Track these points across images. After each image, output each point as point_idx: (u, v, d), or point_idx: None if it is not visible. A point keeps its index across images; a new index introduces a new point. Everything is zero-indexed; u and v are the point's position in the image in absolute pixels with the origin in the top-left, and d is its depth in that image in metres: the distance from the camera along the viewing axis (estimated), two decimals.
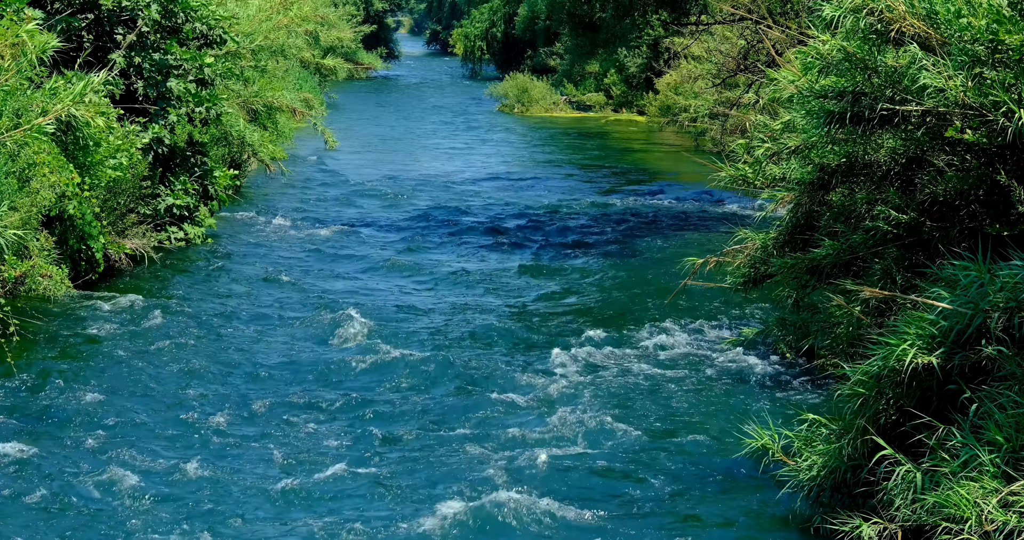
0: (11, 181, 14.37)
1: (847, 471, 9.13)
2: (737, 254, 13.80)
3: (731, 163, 13.69)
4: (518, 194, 28.82)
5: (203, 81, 20.23)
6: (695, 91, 34.34)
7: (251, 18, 26.16)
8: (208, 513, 10.08)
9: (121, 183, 17.82)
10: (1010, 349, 8.30)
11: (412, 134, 42.27)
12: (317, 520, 10.02)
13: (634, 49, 48.24)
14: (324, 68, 48.73)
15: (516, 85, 52.84)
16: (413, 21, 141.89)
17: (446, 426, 12.22)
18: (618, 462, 11.20)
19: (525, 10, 62.95)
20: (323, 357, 14.65)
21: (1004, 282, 8.38)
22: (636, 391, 13.22)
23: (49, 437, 11.54)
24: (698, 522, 10.10)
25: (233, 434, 11.96)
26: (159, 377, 13.61)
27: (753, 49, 24.80)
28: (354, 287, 18.65)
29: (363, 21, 70.64)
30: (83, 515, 9.89)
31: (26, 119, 14.57)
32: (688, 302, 16.77)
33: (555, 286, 18.96)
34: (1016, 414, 8.06)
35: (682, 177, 31.60)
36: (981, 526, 7.66)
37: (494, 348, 15.09)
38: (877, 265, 11.11)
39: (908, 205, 10.77)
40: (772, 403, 12.68)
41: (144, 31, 19.37)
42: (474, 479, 10.77)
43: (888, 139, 11.22)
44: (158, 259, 19.18)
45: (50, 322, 15.37)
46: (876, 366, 8.78)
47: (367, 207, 26.61)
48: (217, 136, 23.43)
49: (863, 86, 9.98)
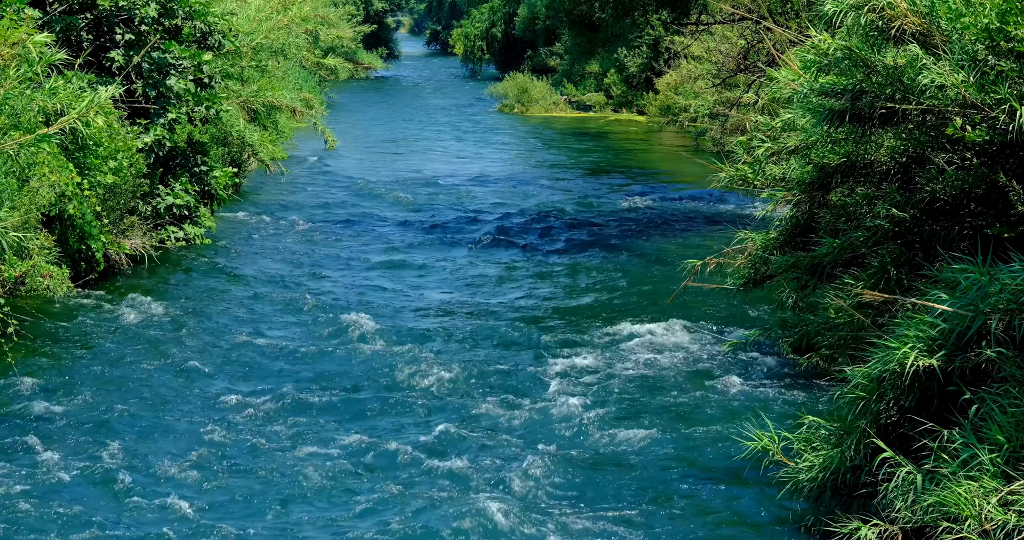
0: (11, 181, 14.36)
1: (847, 473, 9.13)
2: (737, 255, 13.80)
3: (731, 163, 13.69)
4: (517, 194, 28.81)
5: (202, 81, 20.22)
6: (695, 91, 34.34)
7: (251, 18, 26.15)
8: (208, 513, 10.08)
9: (121, 183, 17.81)
10: (1010, 351, 8.30)
11: (412, 134, 42.27)
12: (317, 520, 10.02)
13: (634, 49, 48.23)
14: (324, 68, 48.71)
15: (516, 85, 52.82)
16: (413, 21, 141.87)
17: (446, 426, 12.21)
18: (617, 462, 11.20)
19: (525, 10, 62.96)
20: (323, 357, 14.64)
21: (1004, 284, 8.37)
22: (636, 392, 13.22)
23: (49, 437, 11.53)
24: (698, 522, 10.09)
25: (233, 433, 11.96)
26: (159, 376, 13.60)
27: (753, 49, 24.79)
28: (354, 287, 18.65)
29: (363, 21, 70.66)
30: (83, 514, 9.89)
31: (25, 119, 14.55)
32: (689, 303, 16.77)
33: (555, 286, 18.96)
34: (1016, 414, 8.06)
35: (682, 177, 31.59)
36: (981, 525, 7.66)
37: (494, 348, 15.09)
38: (875, 263, 11.10)
39: (908, 203, 10.76)
40: (772, 404, 12.68)
41: (143, 30, 19.36)
42: (474, 478, 10.77)
43: (888, 138, 11.21)
44: (158, 259, 19.18)
45: (50, 322, 15.37)
46: (876, 368, 8.78)
47: (367, 207, 26.60)
48: (217, 136, 23.41)
49: (863, 84, 9.97)
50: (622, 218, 25.35)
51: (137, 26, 19.35)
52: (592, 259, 20.94)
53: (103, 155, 16.65)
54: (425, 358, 14.28)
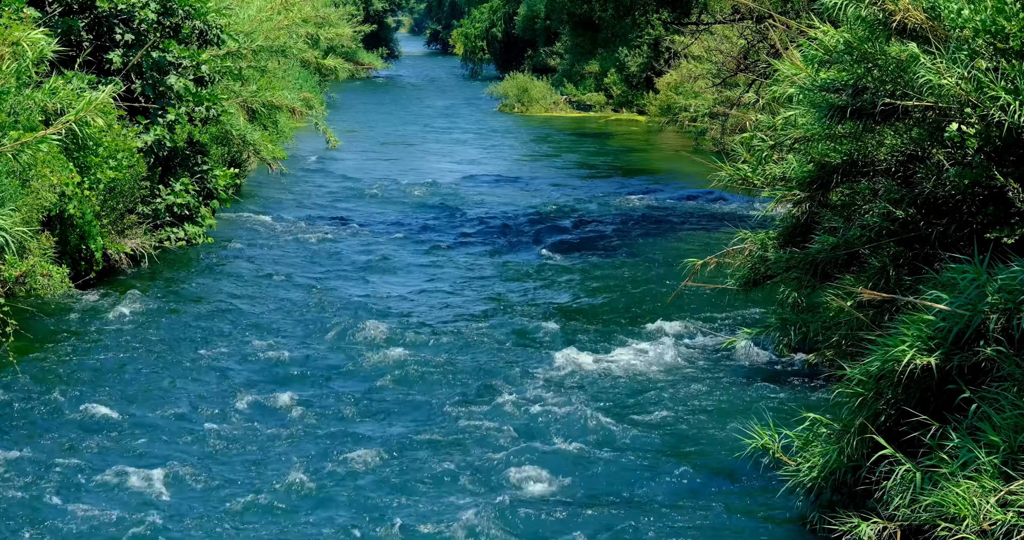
0: (11, 181, 14.36)
1: (847, 471, 9.13)
2: (737, 255, 13.79)
3: (731, 162, 13.68)
4: (518, 194, 28.81)
5: (201, 80, 20.23)
6: (695, 91, 34.32)
7: (251, 18, 26.14)
8: (208, 512, 10.08)
9: (121, 183, 17.82)
10: (1008, 350, 8.30)
11: (412, 134, 42.27)
12: (317, 520, 10.02)
13: (634, 48, 48.22)
14: (324, 68, 48.69)
15: (516, 85, 52.82)
16: (413, 21, 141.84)
17: (446, 425, 12.22)
18: (616, 462, 11.20)
19: (525, 10, 62.93)
20: (323, 356, 14.65)
21: (1003, 284, 8.37)
22: (635, 391, 13.22)
23: (48, 436, 11.54)
24: (698, 521, 10.10)
25: (233, 433, 11.96)
26: (158, 376, 13.61)
27: (753, 48, 24.80)
28: (354, 286, 18.66)
29: (363, 21, 70.57)
30: (82, 514, 9.89)
31: (24, 118, 14.56)
32: (688, 303, 16.78)
33: (554, 286, 18.96)
34: (1014, 414, 8.06)
35: (682, 177, 31.59)
36: (979, 525, 7.66)
37: (494, 348, 15.09)
38: (874, 261, 11.09)
39: (903, 200, 10.74)
40: (772, 403, 12.68)
41: (143, 30, 19.36)
42: (474, 478, 10.78)
43: (890, 135, 11.20)
44: (158, 258, 19.19)
45: (50, 321, 15.37)
46: (875, 367, 8.78)
47: (367, 207, 26.62)
48: (217, 136, 23.43)
49: (864, 80, 9.97)
50: (622, 218, 25.35)
51: (137, 26, 19.35)
52: (591, 259, 20.93)
53: (103, 155, 16.65)
54: (424, 358, 14.28)
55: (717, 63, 28.55)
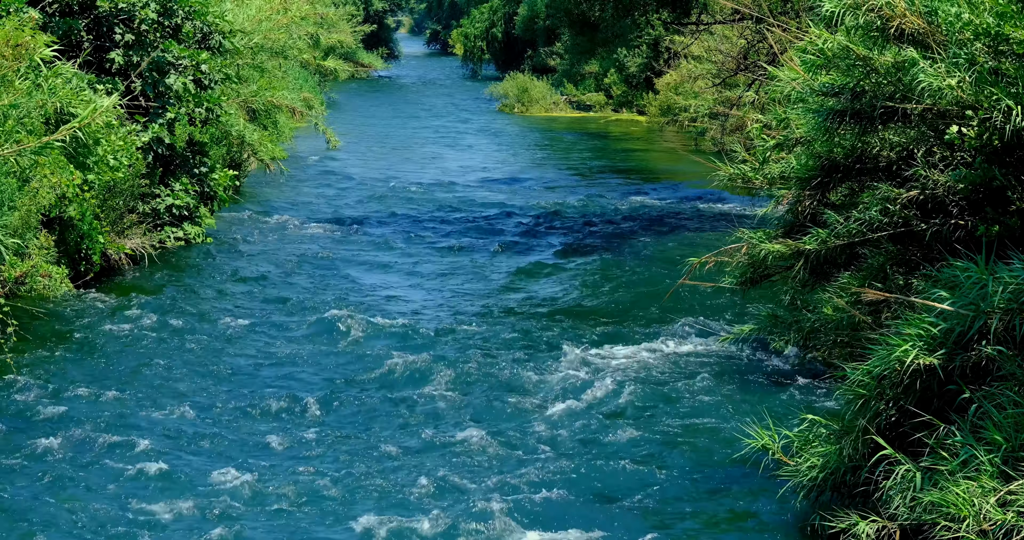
0: (11, 181, 14.37)
1: (847, 471, 9.13)
2: (735, 253, 13.79)
3: (731, 162, 13.68)
4: (517, 194, 28.82)
5: (201, 81, 20.22)
6: (695, 91, 34.32)
7: (251, 18, 26.15)
8: (208, 511, 10.09)
9: (121, 183, 17.82)
10: (1010, 349, 8.30)
11: (412, 134, 42.27)
12: (317, 520, 10.02)
13: (634, 49, 48.20)
14: (324, 69, 48.70)
15: (516, 85, 52.82)
16: (413, 21, 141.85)
17: (447, 426, 12.22)
18: (615, 461, 11.20)
19: (525, 10, 62.93)
20: (323, 356, 14.65)
21: (1006, 284, 8.37)
22: (633, 391, 13.22)
23: (48, 436, 11.53)
24: (697, 521, 10.10)
25: (233, 433, 11.97)
26: (158, 376, 13.61)
27: (753, 49, 24.80)
28: (354, 287, 18.66)
29: (363, 21, 70.63)
30: (83, 513, 9.90)
31: (28, 122, 14.58)
32: (688, 302, 16.77)
33: (554, 286, 18.96)
34: (1015, 414, 8.06)
35: (682, 177, 31.59)
36: (979, 525, 7.66)
37: (494, 348, 15.09)
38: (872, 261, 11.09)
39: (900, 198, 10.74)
40: (771, 402, 12.67)
41: (143, 30, 19.36)
42: (475, 478, 10.78)
43: (890, 135, 11.20)
44: (158, 259, 19.19)
45: (50, 322, 15.37)
46: (876, 366, 8.77)
47: (366, 207, 26.62)
48: (217, 136, 23.43)
49: (863, 83, 9.97)
50: (622, 217, 25.35)
51: (137, 26, 19.35)
52: (591, 258, 20.94)
53: (101, 154, 16.65)
54: (425, 358, 14.28)
55: (717, 63, 28.55)
